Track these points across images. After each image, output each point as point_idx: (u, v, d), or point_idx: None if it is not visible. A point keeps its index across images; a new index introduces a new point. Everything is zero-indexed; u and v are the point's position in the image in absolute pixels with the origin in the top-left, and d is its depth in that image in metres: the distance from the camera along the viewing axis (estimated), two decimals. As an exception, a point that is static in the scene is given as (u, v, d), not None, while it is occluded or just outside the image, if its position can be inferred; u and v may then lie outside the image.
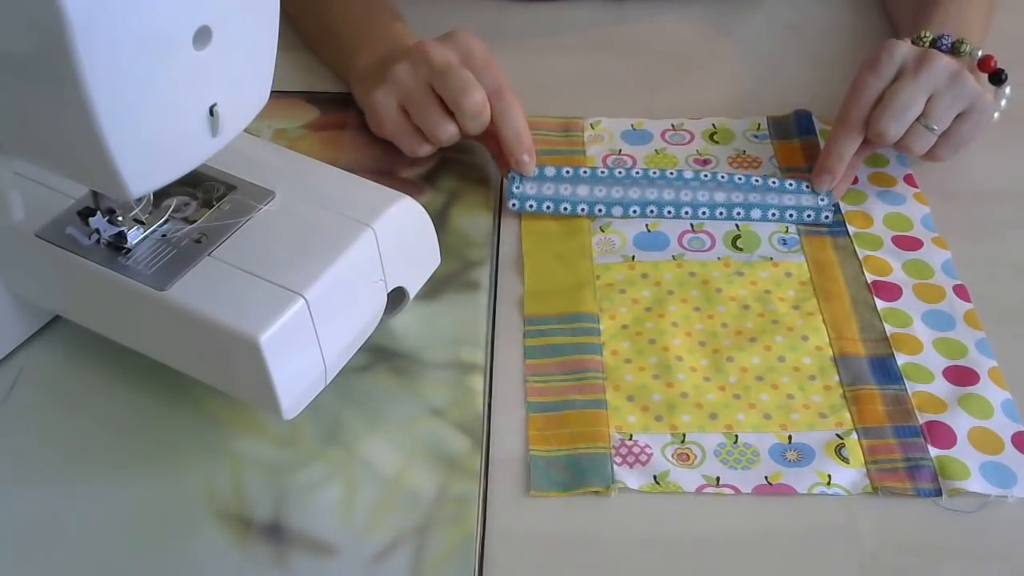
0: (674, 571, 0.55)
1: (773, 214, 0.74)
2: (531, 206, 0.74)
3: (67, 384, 0.63)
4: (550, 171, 0.76)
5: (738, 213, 0.74)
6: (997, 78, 0.76)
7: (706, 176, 0.76)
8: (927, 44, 0.75)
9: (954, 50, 0.75)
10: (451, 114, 0.73)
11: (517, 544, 0.56)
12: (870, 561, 0.55)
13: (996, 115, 0.76)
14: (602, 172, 0.76)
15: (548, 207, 0.74)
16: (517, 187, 0.75)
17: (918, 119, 0.72)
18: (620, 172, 0.76)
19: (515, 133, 0.74)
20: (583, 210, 0.74)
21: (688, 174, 0.76)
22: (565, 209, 0.74)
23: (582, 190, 0.75)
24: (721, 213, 0.74)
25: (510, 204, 0.75)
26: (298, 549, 0.55)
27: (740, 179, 0.75)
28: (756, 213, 0.74)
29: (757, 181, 0.75)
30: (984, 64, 0.76)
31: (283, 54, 0.53)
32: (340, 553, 0.55)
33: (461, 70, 0.72)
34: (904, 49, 0.73)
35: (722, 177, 0.75)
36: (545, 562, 0.55)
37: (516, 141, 0.74)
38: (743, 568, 0.55)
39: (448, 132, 0.74)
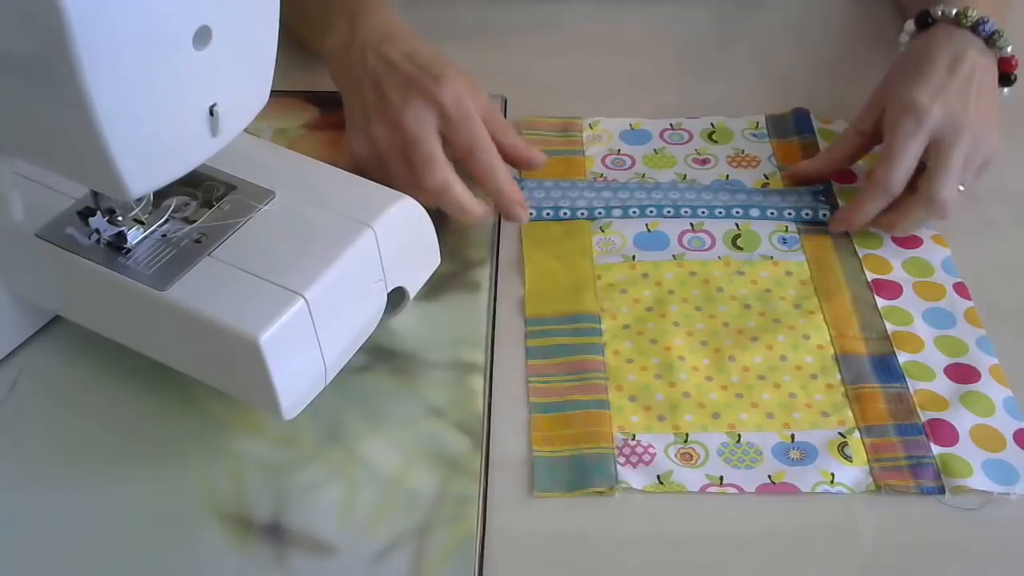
0: (675, 570, 0.55)
1: (772, 213, 0.74)
2: (531, 214, 0.75)
3: (67, 384, 0.63)
4: (549, 183, 0.77)
5: (737, 212, 0.74)
6: (1008, 79, 0.76)
7: (702, 188, 0.77)
8: (969, 24, 0.74)
9: (991, 39, 0.74)
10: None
11: (517, 544, 0.56)
12: (872, 559, 0.55)
13: None
14: (600, 184, 0.77)
15: (548, 214, 0.75)
16: None
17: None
18: (618, 184, 0.77)
19: (497, 190, 0.72)
20: (583, 214, 0.74)
21: (683, 186, 0.76)
22: (565, 215, 0.75)
23: (581, 201, 0.75)
24: (720, 212, 0.74)
25: None
26: (298, 549, 0.55)
27: (735, 186, 0.76)
28: (755, 212, 0.74)
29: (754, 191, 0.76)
30: (1006, 63, 0.75)
31: (283, 54, 0.53)
32: (340, 553, 0.55)
33: (424, 144, 0.69)
34: (937, 116, 0.69)
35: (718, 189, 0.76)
36: (546, 562, 0.55)
37: (500, 196, 0.72)
38: (746, 567, 0.55)
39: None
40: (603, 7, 0.97)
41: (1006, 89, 0.76)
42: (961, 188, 0.70)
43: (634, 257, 0.71)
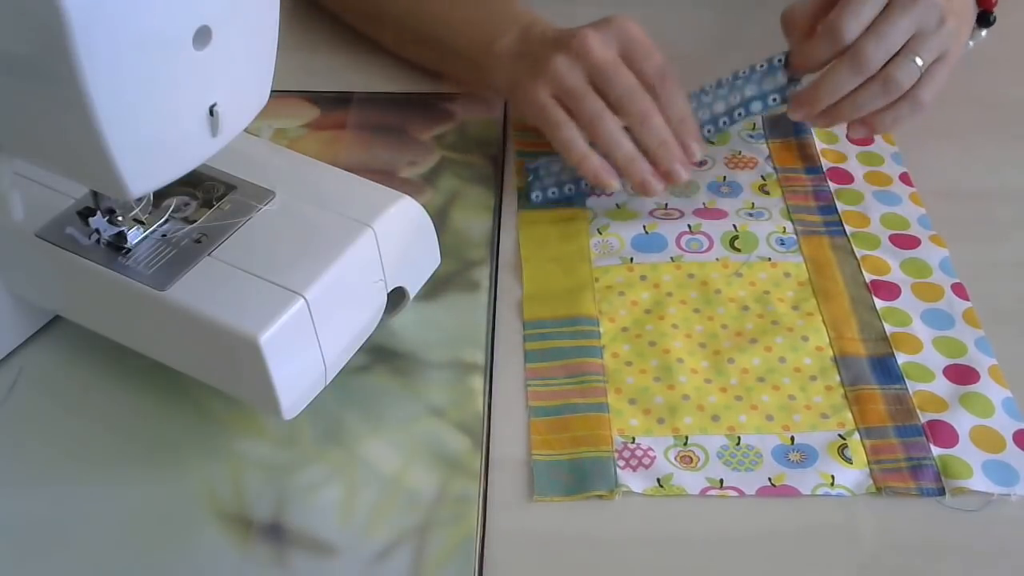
0: (675, 571, 0.55)
1: (739, 113, 0.73)
2: (553, 193, 0.76)
3: (67, 384, 0.63)
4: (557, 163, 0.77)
5: (708, 131, 0.74)
6: (986, 19, 0.74)
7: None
8: None
9: None
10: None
11: (517, 544, 0.56)
12: (873, 561, 0.55)
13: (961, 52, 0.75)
14: None
15: (570, 189, 0.75)
16: (534, 179, 0.77)
17: (903, 52, 0.68)
18: None
19: (679, 119, 0.71)
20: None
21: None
22: (573, 190, 0.76)
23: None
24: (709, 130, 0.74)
25: (532, 196, 0.76)
26: (298, 549, 0.55)
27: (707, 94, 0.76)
28: (724, 122, 0.74)
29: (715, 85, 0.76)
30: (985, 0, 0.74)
31: (283, 54, 0.53)
32: (340, 553, 0.55)
33: (623, 73, 0.70)
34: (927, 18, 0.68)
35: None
36: (546, 562, 0.55)
37: (680, 124, 0.71)
38: (745, 568, 0.55)
39: (608, 128, 0.70)
40: (603, 7, 0.97)
41: (984, 31, 0.75)
42: (919, 62, 0.67)
43: (632, 259, 0.71)
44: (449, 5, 0.82)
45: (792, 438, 0.60)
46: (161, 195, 0.57)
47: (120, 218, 0.56)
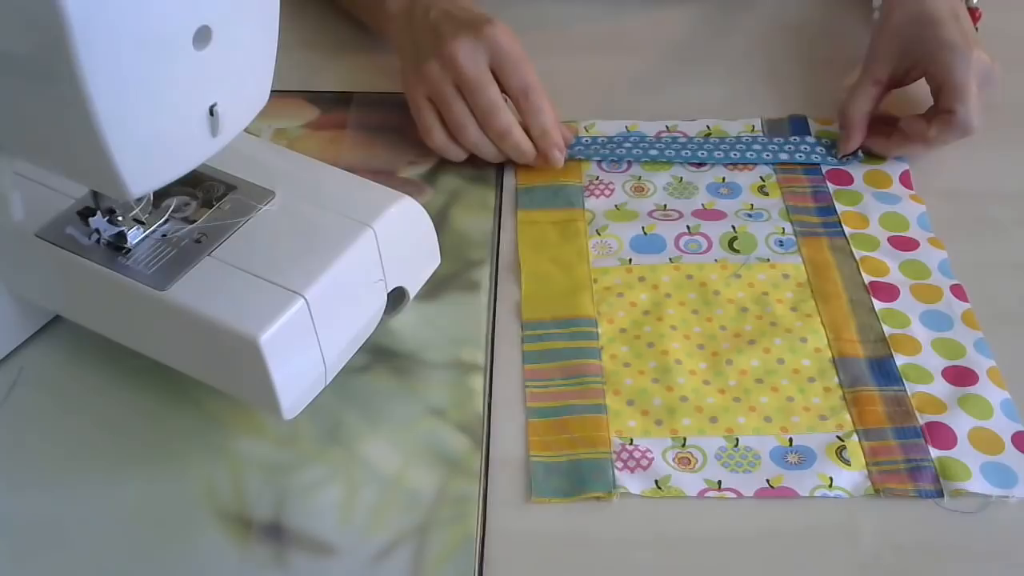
0: (673, 573, 0.55)
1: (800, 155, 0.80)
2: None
3: (67, 384, 0.63)
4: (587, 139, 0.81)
5: (767, 156, 0.80)
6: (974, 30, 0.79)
7: (736, 154, 0.80)
8: None
9: None
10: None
11: (517, 544, 0.56)
12: (871, 562, 0.55)
13: None
14: (587, 139, 0.82)
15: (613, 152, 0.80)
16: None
17: None
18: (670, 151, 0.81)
19: (541, 131, 0.76)
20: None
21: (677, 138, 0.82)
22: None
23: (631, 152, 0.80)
24: (733, 155, 0.80)
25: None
26: (298, 549, 0.55)
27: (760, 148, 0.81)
28: (784, 156, 0.80)
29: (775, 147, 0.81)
30: (972, 14, 0.80)
31: (283, 54, 0.53)
32: (340, 553, 0.55)
33: (486, 90, 0.74)
34: (976, 60, 0.74)
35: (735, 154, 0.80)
36: (545, 563, 0.55)
37: (544, 137, 0.76)
38: (743, 570, 0.55)
39: (471, 136, 0.75)
40: (600, 8, 0.97)
41: None
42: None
43: (631, 260, 0.71)
44: None
45: (790, 440, 0.61)
46: (161, 195, 0.57)
47: (120, 218, 0.56)
